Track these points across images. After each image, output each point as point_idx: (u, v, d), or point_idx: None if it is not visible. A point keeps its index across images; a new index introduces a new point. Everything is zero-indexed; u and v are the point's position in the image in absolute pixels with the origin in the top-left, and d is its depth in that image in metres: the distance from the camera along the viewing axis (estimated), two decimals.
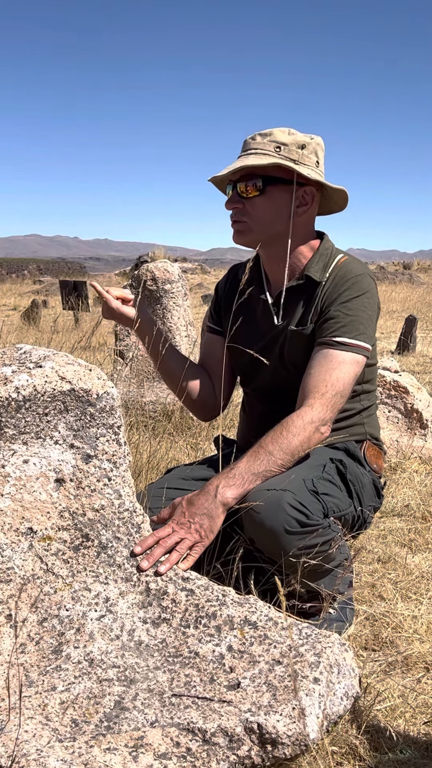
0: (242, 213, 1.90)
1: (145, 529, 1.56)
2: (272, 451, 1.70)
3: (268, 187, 1.86)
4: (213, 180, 1.96)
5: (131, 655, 1.39)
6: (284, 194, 1.88)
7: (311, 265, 1.93)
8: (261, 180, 1.86)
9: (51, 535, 1.45)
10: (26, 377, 1.45)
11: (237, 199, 1.90)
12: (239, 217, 1.91)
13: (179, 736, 1.20)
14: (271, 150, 1.85)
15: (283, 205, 1.89)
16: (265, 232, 1.90)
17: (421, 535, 2.60)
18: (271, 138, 1.86)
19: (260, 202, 1.88)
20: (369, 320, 1.87)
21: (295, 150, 1.86)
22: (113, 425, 1.52)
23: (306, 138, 1.88)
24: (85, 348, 6.02)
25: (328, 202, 1.99)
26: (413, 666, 1.74)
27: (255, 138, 1.88)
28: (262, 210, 1.88)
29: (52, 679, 1.32)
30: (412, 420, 3.77)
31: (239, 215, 1.91)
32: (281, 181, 1.87)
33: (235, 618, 1.46)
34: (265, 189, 1.86)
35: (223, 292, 2.14)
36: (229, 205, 1.92)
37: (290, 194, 1.88)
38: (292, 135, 1.87)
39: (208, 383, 2.12)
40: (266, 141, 1.86)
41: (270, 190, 1.87)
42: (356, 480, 1.88)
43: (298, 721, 1.22)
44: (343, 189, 1.93)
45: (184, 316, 4.45)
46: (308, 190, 1.90)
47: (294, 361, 1.94)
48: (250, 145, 1.89)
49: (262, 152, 1.86)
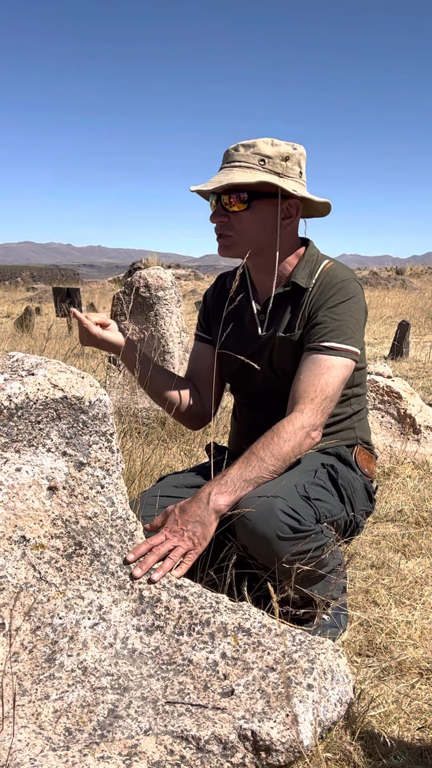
0: (228, 227, 1.89)
1: (138, 537, 1.56)
2: (264, 457, 1.71)
3: (254, 202, 1.85)
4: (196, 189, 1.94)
5: (125, 662, 1.39)
6: (269, 207, 1.88)
7: (297, 271, 1.93)
8: (246, 194, 1.85)
9: (44, 543, 1.45)
10: (18, 385, 1.45)
11: (222, 213, 1.88)
12: (225, 232, 1.90)
13: (173, 744, 1.20)
14: (255, 163, 1.84)
15: (269, 219, 1.89)
16: (251, 246, 1.89)
17: (414, 540, 2.60)
18: (254, 150, 1.85)
19: (246, 216, 1.87)
20: (357, 324, 1.88)
21: (279, 163, 1.85)
22: (106, 432, 1.52)
23: (289, 148, 1.87)
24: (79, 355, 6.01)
25: (308, 209, 2.00)
26: (407, 672, 1.74)
27: (238, 149, 1.87)
28: (248, 224, 1.88)
29: (46, 688, 1.32)
30: (405, 425, 3.78)
31: (225, 229, 1.90)
32: (266, 195, 1.86)
33: (229, 625, 1.46)
34: (251, 203, 1.85)
35: (211, 301, 2.15)
36: (215, 219, 1.91)
37: (275, 207, 1.88)
38: (275, 146, 1.86)
39: (195, 394, 2.13)
40: (250, 153, 1.85)
41: (255, 205, 1.86)
42: (348, 485, 1.88)
43: (292, 728, 1.22)
44: (326, 202, 1.95)
45: (177, 322, 4.46)
46: (293, 202, 1.90)
47: (283, 367, 1.94)
48: (233, 157, 1.88)
49: (246, 165, 1.84)
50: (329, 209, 2.00)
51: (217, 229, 1.92)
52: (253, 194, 1.85)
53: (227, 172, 1.86)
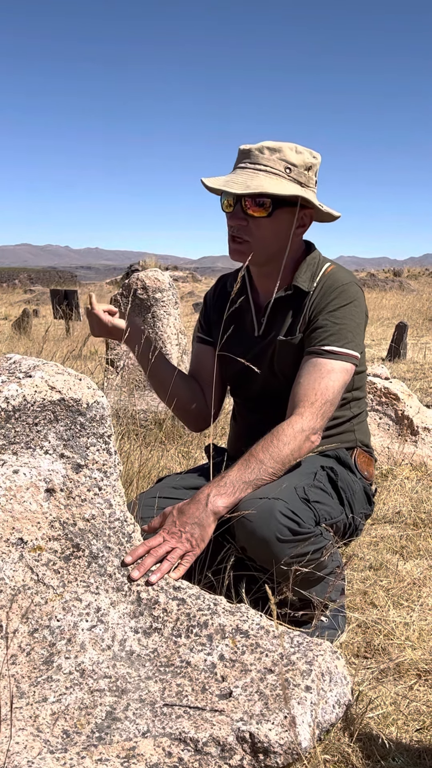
0: (245, 231, 1.85)
1: (136, 539, 1.55)
2: (263, 459, 1.71)
3: (276, 210, 1.83)
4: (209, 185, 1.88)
5: (123, 665, 1.39)
6: (288, 216, 1.86)
7: (299, 275, 1.93)
8: (270, 201, 1.81)
9: (41, 546, 1.44)
10: (16, 387, 1.45)
11: (242, 216, 1.84)
12: (242, 236, 1.86)
13: (171, 746, 1.20)
14: (281, 170, 1.81)
15: (286, 227, 1.87)
16: (265, 254, 1.88)
17: (412, 541, 2.60)
18: (280, 156, 1.82)
19: (266, 224, 1.84)
20: (357, 328, 1.88)
21: (303, 172, 1.83)
22: (103, 434, 1.52)
23: (310, 158, 1.85)
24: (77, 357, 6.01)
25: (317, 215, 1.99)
26: (405, 673, 1.74)
27: (263, 152, 1.83)
28: (267, 231, 1.85)
29: (44, 690, 1.32)
30: (402, 427, 3.78)
31: (242, 233, 1.86)
32: (288, 204, 1.84)
33: (227, 627, 1.45)
34: (273, 212, 1.82)
35: (211, 302, 2.14)
36: (234, 221, 1.86)
37: (293, 216, 1.87)
38: (299, 154, 1.83)
39: (199, 393, 2.12)
40: (276, 158, 1.82)
41: (277, 213, 1.83)
42: (347, 487, 1.88)
43: (290, 730, 1.22)
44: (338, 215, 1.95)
45: (175, 324, 4.46)
46: (308, 213, 1.89)
47: (283, 370, 1.94)
48: (258, 159, 1.83)
49: (273, 171, 1.81)
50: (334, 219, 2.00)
51: (232, 231, 1.88)
52: (277, 203, 1.82)
53: (252, 176, 1.81)
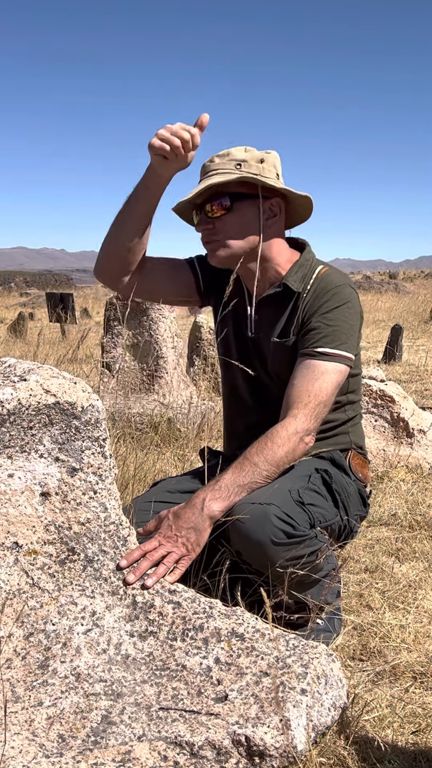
0: (213, 233, 1.90)
1: (132, 542, 1.55)
2: (257, 462, 1.71)
3: (236, 204, 1.87)
4: (177, 209, 1.95)
5: (118, 668, 1.39)
6: (252, 208, 1.89)
7: (289, 274, 1.94)
8: (228, 198, 1.86)
9: (37, 549, 1.44)
10: (10, 391, 1.44)
11: (206, 220, 1.90)
12: (211, 238, 1.91)
13: (167, 750, 1.20)
14: (231, 168, 1.86)
15: (253, 219, 1.90)
16: (239, 247, 1.90)
17: (408, 544, 2.61)
18: (229, 157, 1.87)
19: (230, 218, 1.88)
20: (351, 330, 1.88)
21: (255, 164, 1.87)
22: (99, 438, 1.52)
23: (263, 153, 1.89)
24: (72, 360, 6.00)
25: (292, 215, 2.01)
26: (401, 676, 1.74)
27: (213, 160, 1.89)
28: (233, 226, 1.89)
29: (39, 694, 1.31)
30: (398, 429, 3.78)
31: (211, 235, 1.91)
32: (247, 196, 1.88)
33: (222, 630, 1.45)
34: (233, 206, 1.87)
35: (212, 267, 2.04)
36: (200, 228, 1.91)
37: (258, 208, 1.90)
38: (249, 152, 1.88)
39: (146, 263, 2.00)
40: (225, 161, 1.87)
41: (238, 206, 1.87)
42: (342, 490, 1.88)
43: (286, 733, 1.22)
44: (307, 196, 1.94)
45: (170, 327, 4.47)
46: (275, 201, 1.92)
47: (277, 372, 1.95)
48: (209, 168, 1.89)
49: (223, 171, 1.86)
50: (311, 211, 2.00)
51: (204, 238, 1.93)
52: (234, 196, 1.86)
53: (205, 181, 1.87)
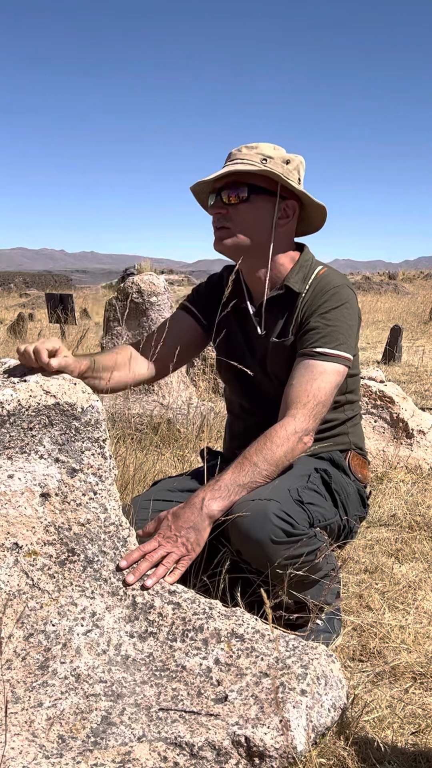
0: (226, 218, 1.90)
1: (132, 543, 1.55)
2: (257, 462, 1.71)
3: (253, 196, 1.88)
4: (196, 188, 1.96)
5: (118, 669, 1.39)
6: (268, 204, 1.90)
7: (291, 275, 1.94)
8: (246, 188, 1.87)
9: (36, 550, 1.44)
10: (10, 392, 1.45)
11: (221, 205, 1.90)
12: (222, 223, 1.91)
13: (167, 751, 1.20)
14: (257, 161, 1.87)
15: (266, 215, 1.91)
16: (247, 239, 1.90)
17: (407, 544, 2.61)
18: (257, 151, 1.88)
19: (244, 208, 1.89)
20: (349, 330, 1.88)
21: (280, 163, 1.88)
22: (98, 439, 1.52)
23: (290, 155, 1.91)
24: None
25: (304, 223, 2.02)
26: (401, 676, 1.74)
27: (241, 150, 1.91)
28: (246, 216, 1.89)
29: (39, 695, 1.31)
30: (398, 429, 3.79)
31: (223, 220, 1.91)
32: (266, 191, 1.89)
33: (222, 631, 1.45)
34: (250, 197, 1.88)
35: (205, 293, 2.11)
36: (213, 210, 1.92)
37: (273, 205, 1.90)
38: (277, 150, 1.90)
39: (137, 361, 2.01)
40: (253, 153, 1.88)
41: (254, 199, 1.88)
42: (341, 489, 1.89)
43: (286, 734, 1.22)
44: (323, 205, 1.95)
45: None
46: (290, 203, 1.92)
47: (276, 372, 1.95)
48: (236, 156, 1.90)
49: (248, 162, 1.87)
50: (324, 221, 2.02)
51: (215, 222, 1.93)
52: (253, 188, 1.87)
53: (228, 167, 1.88)
